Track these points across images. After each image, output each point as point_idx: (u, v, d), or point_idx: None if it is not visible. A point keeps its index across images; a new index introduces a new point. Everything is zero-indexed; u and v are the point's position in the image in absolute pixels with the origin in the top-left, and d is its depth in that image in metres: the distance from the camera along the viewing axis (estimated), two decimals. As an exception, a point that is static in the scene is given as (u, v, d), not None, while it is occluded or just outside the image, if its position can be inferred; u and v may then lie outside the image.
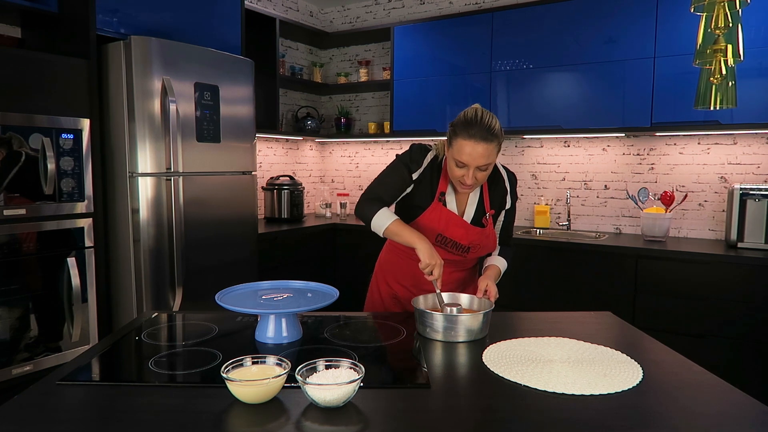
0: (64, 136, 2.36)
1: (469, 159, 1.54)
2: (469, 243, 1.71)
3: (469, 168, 1.55)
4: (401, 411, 1.02)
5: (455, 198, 1.72)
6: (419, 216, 1.70)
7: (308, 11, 4.52)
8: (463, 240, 1.70)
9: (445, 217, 1.69)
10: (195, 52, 2.71)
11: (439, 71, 3.74)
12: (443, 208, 1.69)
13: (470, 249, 1.73)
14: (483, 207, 1.74)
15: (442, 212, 1.69)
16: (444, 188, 1.71)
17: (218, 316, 1.60)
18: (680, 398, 1.07)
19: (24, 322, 2.27)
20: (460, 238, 1.70)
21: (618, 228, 3.53)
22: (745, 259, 2.64)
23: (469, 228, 1.70)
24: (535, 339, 1.41)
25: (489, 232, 1.74)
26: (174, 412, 1.00)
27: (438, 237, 1.70)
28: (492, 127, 1.53)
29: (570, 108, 3.32)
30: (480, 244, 1.73)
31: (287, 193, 3.88)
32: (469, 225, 1.70)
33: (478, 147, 1.52)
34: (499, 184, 1.77)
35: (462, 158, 1.54)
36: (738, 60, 1.67)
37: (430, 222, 1.69)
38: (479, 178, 1.59)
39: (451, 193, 1.72)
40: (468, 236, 1.70)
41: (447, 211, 1.69)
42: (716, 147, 3.20)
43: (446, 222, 1.69)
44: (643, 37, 3.06)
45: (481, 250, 1.75)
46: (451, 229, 1.69)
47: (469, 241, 1.71)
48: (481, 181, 1.61)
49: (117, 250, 2.61)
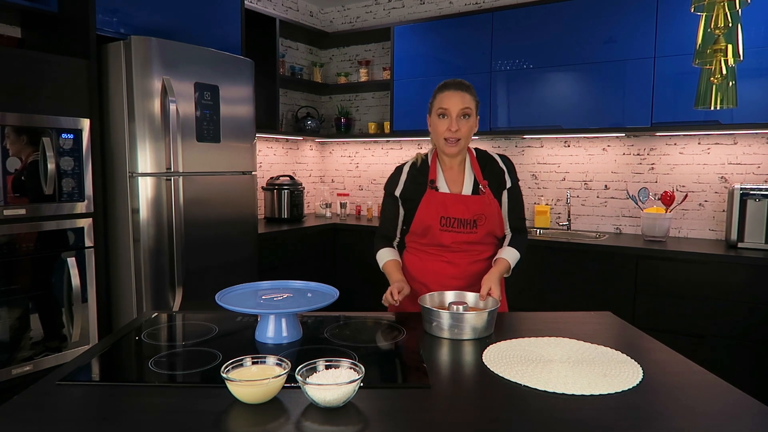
0: (64, 136, 2.36)
1: (448, 103, 1.70)
2: (473, 215, 1.75)
3: (450, 115, 1.70)
4: (401, 411, 1.01)
5: (447, 183, 1.79)
6: (417, 208, 1.76)
7: (308, 11, 4.52)
8: (465, 214, 1.74)
9: (440, 198, 1.76)
10: (195, 52, 2.71)
11: (440, 71, 3.74)
12: (436, 192, 1.76)
13: (477, 222, 1.75)
14: (477, 181, 1.79)
15: (435, 196, 1.76)
16: (434, 176, 1.79)
17: (218, 316, 1.60)
18: (680, 398, 1.07)
19: (24, 322, 2.27)
20: (462, 212, 1.74)
21: (618, 228, 3.53)
22: (745, 259, 2.64)
23: (467, 199, 1.75)
24: (535, 339, 1.41)
25: (490, 200, 1.76)
26: (174, 412, 1.00)
27: (441, 220, 1.74)
28: (463, 81, 1.75)
29: (570, 108, 3.31)
30: (484, 214, 1.75)
31: (287, 193, 3.88)
32: (466, 197, 1.76)
33: (455, 94, 1.71)
34: (489, 162, 1.83)
35: (442, 104, 1.71)
36: (738, 60, 1.67)
37: (427, 209, 1.75)
38: (462, 128, 1.70)
39: (442, 180, 1.79)
40: (469, 208, 1.74)
41: (440, 193, 1.77)
42: (716, 147, 3.20)
43: (443, 202, 1.75)
44: (643, 37, 3.06)
45: (488, 222, 1.76)
46: (450, 207, 1.75)
47: (472, 213, 1.74)
48: (465, 134, 1.71)
49: (117, 250, 2.61)
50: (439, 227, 1.75)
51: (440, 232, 1.75)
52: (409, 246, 1.89)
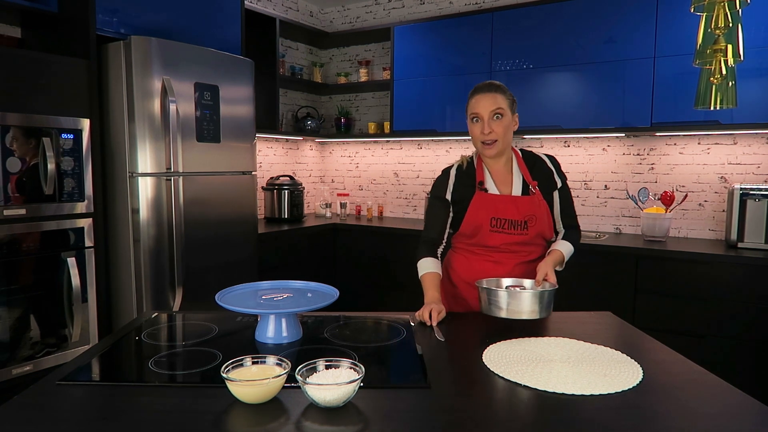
0: (64, 136, 2.36)
1: (479, 107, 1.72)
2: (524, 216, 1.74)
3: (482, 118, 1.71)
4: (401, 411, 1.02)
5: (496, 184, 1.79)
6: (466, 210, 1.76)
7: (308, 11, 4.52)
8: (516, 215, 1.74)
9: (490, 200, 1.75)
10: (195, 52, 2.71)
11: (440, 71, 3.74)
12: (485, 194, 1.76)
13: (527, 223, 1.74)
14: (526, 182, 1.79)
15: (485, 197, 1.76)
16: (481, 177, 1.78)
17: (218, 316, 1.60)
18: (680, 398, 1.07)
19: (24, 322, 2.27)
20: (513, 214, 1.74)
21: (618, 228, 3.53)
22: (745, 259, 2.64)
23: (518, 200, 1.75)
24: (535, 339, 1.41)
25: (539, 201, 1.76)
26: (174, 412, 1.00)
27: (492, 221, 1.74)
28: (493, 82, 1.77)
29: (570, 108, 3.31)
30: (535, 215, 1.75)
31: (287, 193, 3.88)
32: (516, 197, 1.76)
33: (485, 96, 1.72)
34: (537, 162, 1.84)
35: (474, 109, 1.73)
36: (738, 60, 1.67)
37: (477, 211, 1.74)
38: (496, 129, 1.70)
39: (490, 181, 1.79)
40: (519, 210, 1.74)
41: (491, 195, 1.76)
42: (716, 147, 3.20)
43: (493, 204, 1.75)
44: (643, 37, 3.06)
45: (539, 223, 1.75)
46: (501, 208, 1.74)
47: (523, 214, 1.74)
48: (500, 134, 1.71)
49: (117, 250, 2.61)
50: (489, 228, 1.74)
51: (490, 233, 1.75)
52: (456, 246, 1.89)
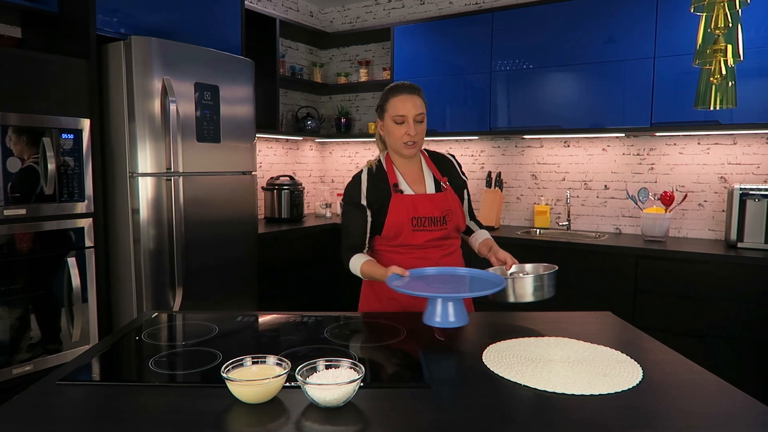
0: (64, 136, 2.36)
1: (404, 109, 1.73)
2: (442, 212, 1.80)
3: (407, 120, 1.74)
4: (401, 411, 1.02)
5: (409, 184, 1.84)
6: (387, 214, 1.78)
7: (308, 11, 4.52)
8: (435, 212, 1.80)
9: (408, 200, 1.79)
10: (195, 52, 2.71)
11: (439, 71, 3.74)
12: (402, 195, 1.80)
13: (446, 218, 1.81)
14: (437, 179, 1.86)
15: (403, 198, 1.79)
16: (394, 179, 1.82)
17: (218, 316, 1.60)
18: (680, 398, 1.07)
19: (24, 322, 2.27)
20: (431, 211, 1.79)
21: (618, 228, 3.53)
22: (745, 259, 2.64)
23: (433, 197, 1.81)
24: (535, 339, 1.41)
25: (452, 195, 1.85)
26: (174, 412, 1.00)
27: (413, 220, 1.78)
28: (413, 84, 1.81)
29: (570, 108, 3.31)
30: (450, 209, 1.82)
31: (287, 193, 3.88)
32: (432, 195, 1.82)
33: (410, 98, 1.75)
34: (443, 160, 1.93)
35: (399, 111, 1.74)
36: (738, 60, 1.67)
37: (397, 213, 1.77)
38: (419, 131, 1.76)
39: (403, 182, 1.83)
40: (436, 206, 1.80)
41: (408, 195, 1.81)
42: (716, 147, 3.20)
43: (412, 203, 1.79)
44: (643, 37, 3.06)
45: (455, 216, 1.84)
46: (419, 207, 1.79)
47: (440, 210, 1.80)
48: (421, 136, 1.77)
49: (117, 250, 2.61)
50: (411, 228, 1.77)
51: (413, 232, 1.78)
52: (378, 249, 1.88)
